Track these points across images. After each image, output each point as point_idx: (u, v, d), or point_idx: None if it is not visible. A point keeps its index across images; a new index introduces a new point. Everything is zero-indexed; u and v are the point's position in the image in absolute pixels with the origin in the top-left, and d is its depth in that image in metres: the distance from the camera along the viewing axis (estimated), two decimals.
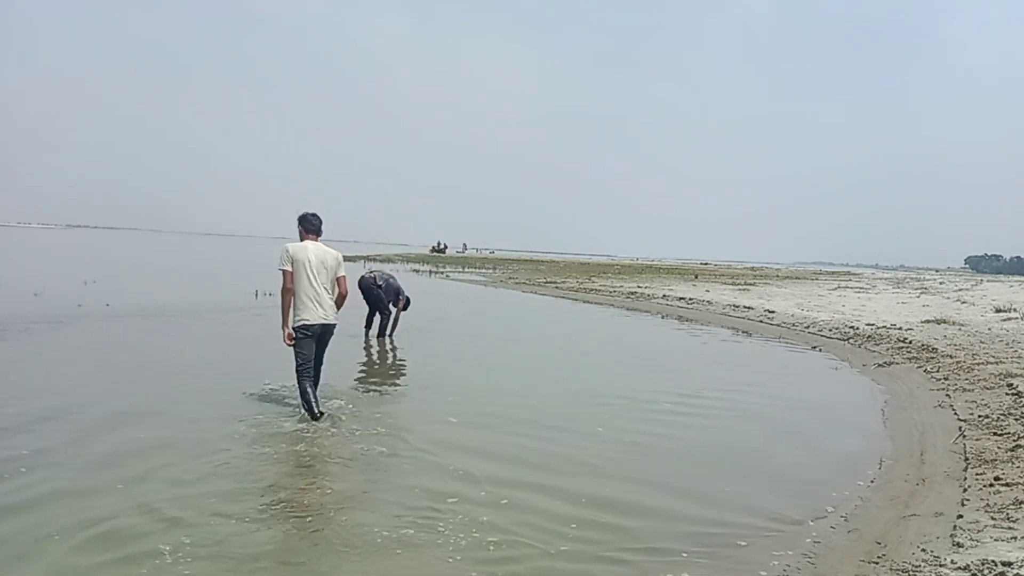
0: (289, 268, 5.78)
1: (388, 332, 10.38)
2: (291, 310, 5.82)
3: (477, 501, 4.13)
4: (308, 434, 5.30)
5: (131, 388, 6.54)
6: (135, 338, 9.50)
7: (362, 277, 10.50)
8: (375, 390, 7.15)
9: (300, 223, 6.07)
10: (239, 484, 4.22)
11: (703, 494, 4.47)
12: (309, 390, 5.77)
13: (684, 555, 3.59)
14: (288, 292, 5.80)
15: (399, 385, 7.64)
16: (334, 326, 6.01)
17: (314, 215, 6.13)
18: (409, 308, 10.75)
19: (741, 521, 4.05)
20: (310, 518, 3.80)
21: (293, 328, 5.79)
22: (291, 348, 5.81)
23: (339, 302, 6.09)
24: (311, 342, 5.82)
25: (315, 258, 5.84)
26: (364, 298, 10.45)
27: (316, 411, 5.74)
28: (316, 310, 5.79)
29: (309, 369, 5.82)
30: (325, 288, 5.88)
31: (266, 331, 10.39)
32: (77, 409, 5.67)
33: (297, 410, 5.82)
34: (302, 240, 6.01)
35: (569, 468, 4.85)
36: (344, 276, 6.08)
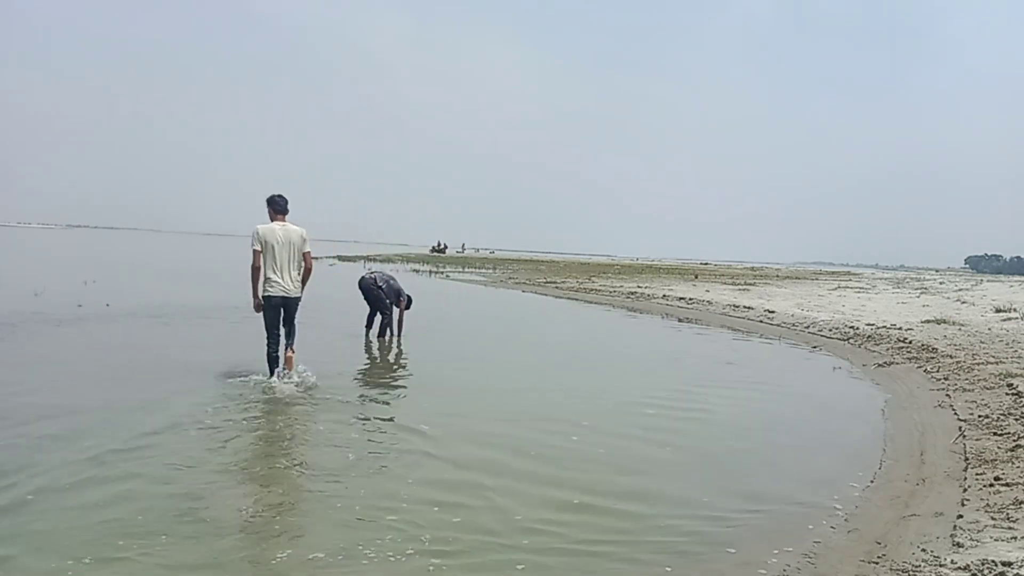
0: (259, 248, 6.59)
1: (395, 333, 10.37)
2: (259, 280, 6.67)
3: (427, 515, 3.85)
4: (269, 438, 5.20)
5: (95, 387, 6.39)
6: (128, 337, 9.49)
7: (362, 278, 10.50)
8: (364, 390, 7.13)
9: (269, 204, 6.81)
10: (163, 492, 3.95)
11: (700, 494, 4.46)
12: (272, 355, 6.79)
13: (682, 555, 3.59)
14: (256, 270, 6.62)
15: (390, 385, 7.58)
16: (296, 298, 6.87)
17: (281, 196, 6.84)
18: (411, 307, 10.73)
19: (740, 521, 4.05)
20: (232, 532, 3.52)
21: (261, 296, 6.69)
22: (265, 337, 6.78)
23: (305, 277, 6.94)
24: (274, 311, 6.76)
25: (283, 238, 6.67)
26: (364, 298, 10.45)
27: (274, 372, 6.72)
28: (279, 284, 6.69)
29: (275, 334, 6.81)
30: (291, 264, 6.76)
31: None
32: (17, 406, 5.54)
33: (260, 410, 5.81)
34: (272, 221, 6.76)
35: (559, 469, 4.83)
36: (309, 252, 6.91)
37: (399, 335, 10.37)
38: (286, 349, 6.84)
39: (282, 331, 6.86)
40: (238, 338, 9.88)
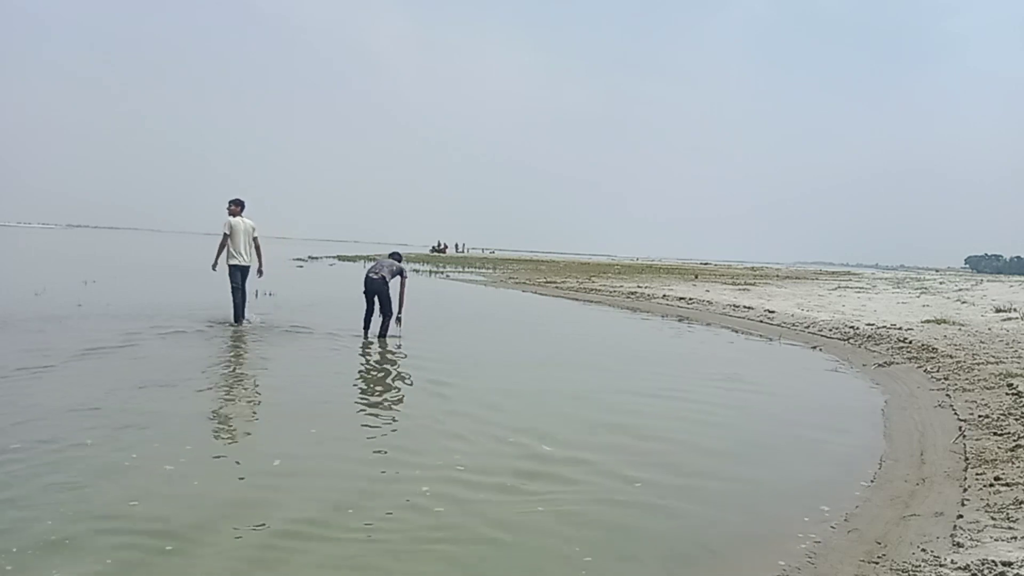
0: (227, 232, 10.63)
1: (397, 314, 10.35)
2: (226, 256, 10.64)
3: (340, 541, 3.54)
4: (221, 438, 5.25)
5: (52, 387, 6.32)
6: (113, 336, 9.48)
7: (370, 279, 10.29)
8: (340, 391, 7.08)
9: (236, 204, 10.73)
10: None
11: (699, 494, 4.46)
12: (236, 304, 10.67)
13: (681, 555, 3.59)
14: (223, 246, 10.65)
15: (375, 385, 7.58)
16: (248, 267, 10.80)
17: (240, 199, 10.81)
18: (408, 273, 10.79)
19: (740, 521, 4.05)
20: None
21: (228, 265, 10.62)
22: (231, 295, 10.70)
23: (257, 252, 10.90)
24: (237, 274, 10.66)
25: (242, 226, 10.70)
26: (369, 297, 10.35)
27: (239, 317, 10.68)
28: (240, 257, 10.68)
29: (238, 290, 10.69)
30: (247, 244, 10.73)
31: (264, 334, 10.35)
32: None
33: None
34: (234, 216, 10.69)
35: (553, 472, 4.83)
36: (257, 236, 10.91)
37: (400, 310, 10.34)
38: (237, 323, 10.57)
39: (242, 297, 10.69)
40: (227, 338, 9.87)
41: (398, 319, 10.38)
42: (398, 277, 10.50)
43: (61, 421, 5.21)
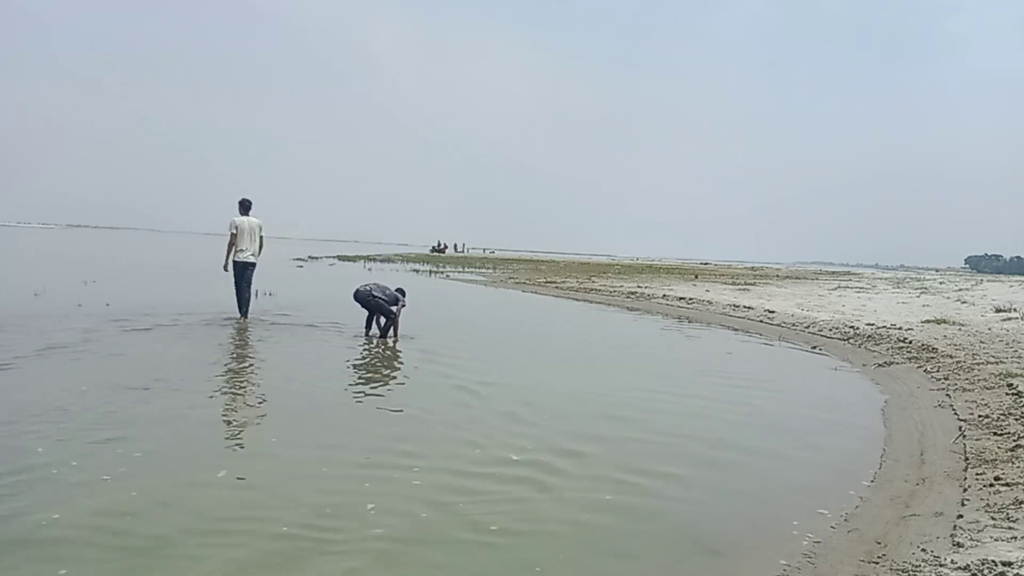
0: (234, 231, 11.05)
1: (396, 336, 10.36)
2: (231, 252, 11.03)
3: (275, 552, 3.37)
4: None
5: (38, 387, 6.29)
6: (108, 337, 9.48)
7: (357, 291, 10.37)
8: (324, 393, 6.97)
9: (240, 205, 11.25)
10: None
11: (699, 494, 4.46)
12: (239, 297, 11.20)
13: (682, 555, 3.59)
14: (231, 245, 11.06)
15: (362, 386, 7.54)
16: (254, 263, 11.28)
17: (248, 199, 11.33)
18: (406, 297, 10.69)
19: (740, 521, 4.05)
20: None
21: (232, 262, 11.05)
22: (234, 288, 11.25)
23: (259, 250, 11.35)
24: (240, 270, 11.13)
25: (248, 225, 11.15)
26: (364, 307, 10.41)
27: (241, 310, 11.22)
28: (244, 254, 11.11)
29: (240, 285, 11.15)
30: (252, 242, 11.19)
31: (261, 332, 10.36)
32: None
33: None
34: (241, 215, 11.20)
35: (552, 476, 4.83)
36: (263, 236, 11.42)
37: (396, 336, 10.37)
38: (243, 318, 11.14)
39: (243, 296, 11.22)
40: (225, 338, 9.87)
41: (394, 339, 10.28)
42: (396, 303, 10.38)
43: (25, 423, 5.09)
